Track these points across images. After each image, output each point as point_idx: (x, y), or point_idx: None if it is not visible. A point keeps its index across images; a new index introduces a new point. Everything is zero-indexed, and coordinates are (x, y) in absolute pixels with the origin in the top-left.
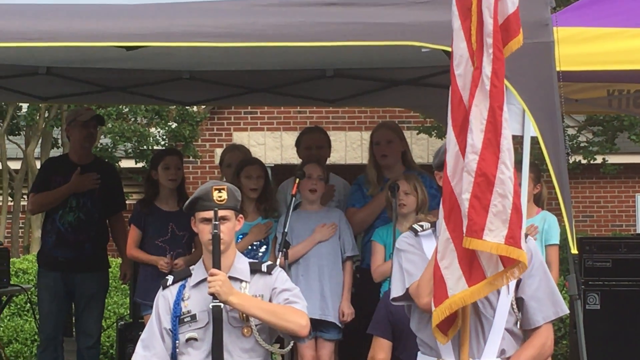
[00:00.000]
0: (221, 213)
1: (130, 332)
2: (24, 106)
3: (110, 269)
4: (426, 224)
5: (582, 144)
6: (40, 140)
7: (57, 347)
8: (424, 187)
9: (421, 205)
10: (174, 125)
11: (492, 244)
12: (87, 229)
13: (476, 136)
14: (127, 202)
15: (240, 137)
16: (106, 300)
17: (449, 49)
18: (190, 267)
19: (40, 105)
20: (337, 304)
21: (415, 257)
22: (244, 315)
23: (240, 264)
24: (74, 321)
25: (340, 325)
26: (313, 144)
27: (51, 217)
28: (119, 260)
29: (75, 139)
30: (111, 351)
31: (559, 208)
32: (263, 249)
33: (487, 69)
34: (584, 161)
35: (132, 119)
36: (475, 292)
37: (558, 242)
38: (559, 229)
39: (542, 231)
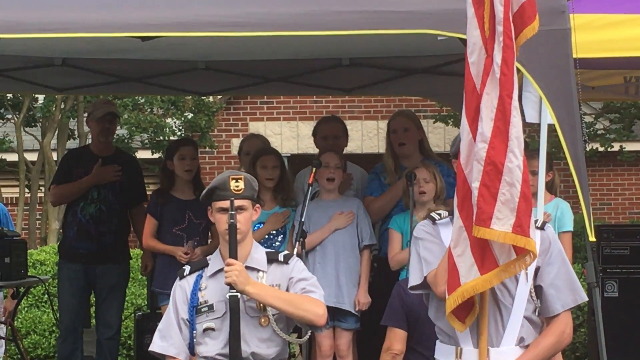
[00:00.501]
0: (238, 203)
1: (148, 322)
2: (40, 98)
3: (130, 260)
4: (444, 212)
5: (599, 132)
6: (56, 132)
7: (76, 338)
8: (441, 176)
9: (440, 193)
10: (190, 115)
11: (500, 232)
12: (108, 221)
13: (486, 124)
14: None
15: (256, 127)
16: None
17: (464, 37)
18: (207, 257)
19: (56, 96)
20: (353, 292)
21: (433, 246)
22: (261, 305)
23: (257, 254)
24: (94, 312)
25: (356, 313)
26: (330, 133)
27: (72, 209)
28: (138, 251)
29: (93, 132)
30: (129, 342)
31: (576, 196)
32: (280, 238)
33: (497, 57)
34: (601, 149)
35: (148, 110)
36: (487, 280)
37: (571, 229)
38: (572, 215)
39: (554, 218)
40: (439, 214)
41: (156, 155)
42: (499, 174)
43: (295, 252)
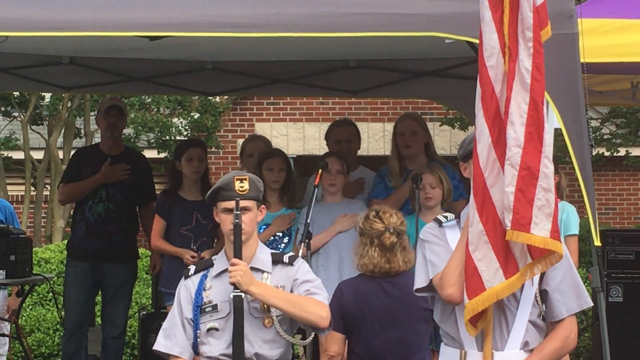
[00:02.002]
0: (243, 203)
1: (152, 322)
2: (47, 96)
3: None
4: (450, 215)
5: (605, 136)
6: (63, 130)
7: (81, 336)
8: (448, 179)
9: (447, 196)
10: (197, 115)
11: (539, 237)
12: (117, 220)
13: (518, 129)
14: None
15: (262, 128)
16: None
17: (473, 40)
18: (213, 257)
19: (63, 95)
20: None
21: (439, 248)
22: (265, 305)
23: (262, 255)
24: (98, 311)
25: None
26: (342, 137)
27: (81, 208)
28: (143, 250)
29: (101, 129)
30: (133, 341)
31: (582, 200)
32: (286, 240)
33: (526, 62)
34: (607, 153)
35: (155, 109)
36: (512, 284)
37: (577, 233)
38: (578, 219)
39: (560, 222)
40: (446, 217)
41: (162, 155)
42: (534, 179)
43: (300, 253)
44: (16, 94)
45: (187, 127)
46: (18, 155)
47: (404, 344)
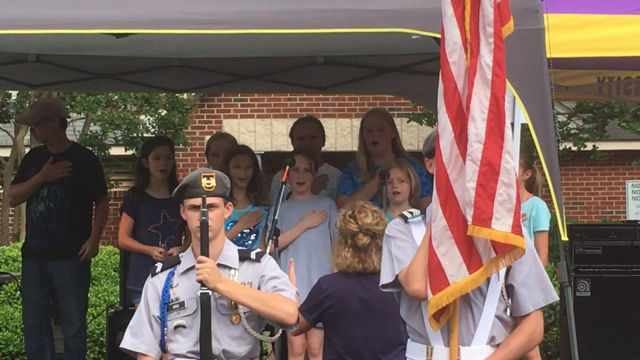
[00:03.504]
0: (209, 200)
1: (120, 319)
2: (14, 93)
3: (100, 257)
4: (416, 211)
5: (572, 131)
6: (29, 128)
7: (42, 335)
8: (416, 174)
9: (414, 192)
10: (164, 112)
11: (500, 232)
12: (57, 218)
13: (479, 125)
14: (117, 189)
15: (230, 125)
16: (97, 287)
17: (439, 36)
18: (180, 255)
19: (29, 92)
20: None
21: (404, 244)
22: (232, 302)
23: (229, 252)
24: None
25: None
26: (306, 133)
27: (28, 208)
28: (111, 248)
29: None
30: (101, 339)
31: (549, 195)
32: (253, 237)
33: (487, 57)
34: (574, 148)
35: (122, 107)
36: (475, 279)
37: (547, 229)
38: (549, 215)
39: (530, 217)
40: (411, 213)
41: (129, 152)
42: (495, 174)
43: (268, 250)
44: None
45: (154, 124)
46: None
47: (381, 341)
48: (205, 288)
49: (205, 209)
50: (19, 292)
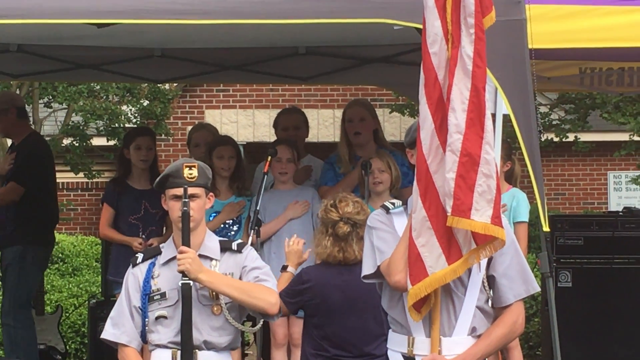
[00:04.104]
0: (191, 190)
1: (102, 310)
2: None
3: (81, 248)
4: (398, 202)
5: (554, 122)
6: None
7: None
8: (396, 165)
9: (395, 182)
10: (146, 103)
11: (480, 223)
12: (5, 209)
13: (459, 115)
14: (99, 180)
15: (212, 115)
16: (78, 278)
17: (421, 27)
18: (161, 245)
19: (11, 82)
20: None
21: (386, 235)
22: (214, 293)
23: (211, 242)
24: (48, 298)
25: None
26: (290, 124)
27: None
28: (91, 238)
29: None
30: (83, 329)
31: (531, 186)
32: (235, 227)
33: (467, 48)
34: (556, 139)
35: (104, 97)
36: (454, 270)
37: (527, 220)
38: (529, 206)
39: (510, 208)
40: (393, 204)
41: (111, 143)
42: (475, 165)
43: (250, 241)
44: None
45: (136, 115)
46: None
47: (362, 332)
48: (187, 278)
49: (186, 199)
50: None
